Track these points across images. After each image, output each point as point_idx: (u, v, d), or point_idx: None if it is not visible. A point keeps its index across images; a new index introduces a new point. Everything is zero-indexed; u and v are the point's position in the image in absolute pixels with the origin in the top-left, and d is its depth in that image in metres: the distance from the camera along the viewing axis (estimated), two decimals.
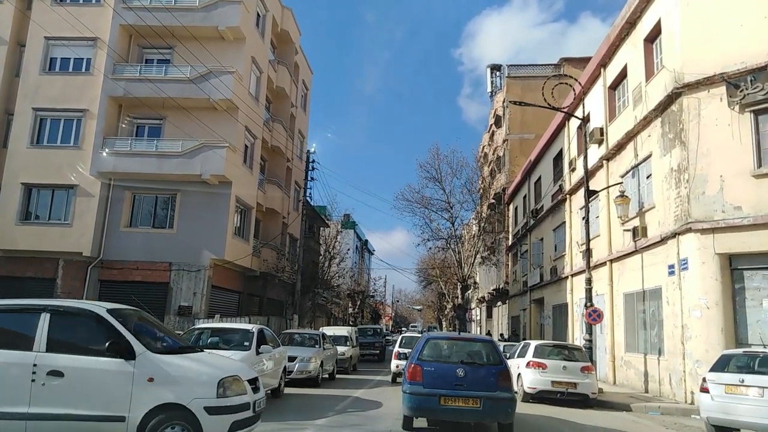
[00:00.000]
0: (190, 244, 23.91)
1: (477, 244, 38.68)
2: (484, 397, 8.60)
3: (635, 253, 17.12)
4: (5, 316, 6.66)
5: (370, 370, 23.47)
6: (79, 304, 6.80)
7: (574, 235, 23.55)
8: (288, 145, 31.42)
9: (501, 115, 41.68)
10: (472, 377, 8.76)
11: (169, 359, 6.57)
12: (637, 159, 17.30)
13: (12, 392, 6.17)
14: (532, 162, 31.00)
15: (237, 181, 25.13)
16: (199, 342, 11.46)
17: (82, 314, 6.62)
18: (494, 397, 8.65)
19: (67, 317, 6.57)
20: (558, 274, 25.62)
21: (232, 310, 26.81)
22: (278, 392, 12.45)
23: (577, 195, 23.33)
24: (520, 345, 16.14)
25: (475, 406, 8.59)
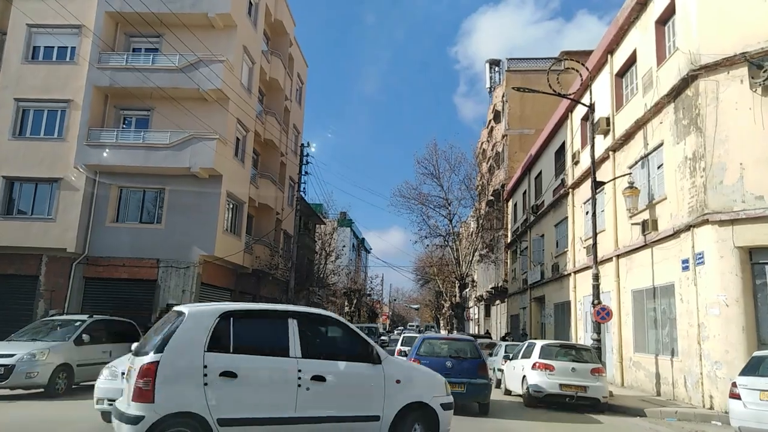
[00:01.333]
0: (179, 240, 22.82)
1: (475, 241, 37.65)
2: (467, 383, 11.38)
3: (644, 247, 16.10)
4: (257, 321, 6.73)
5: None
6: (320, 311, 7.20)
7: (577, 230, 22.53)
8: (282, 139, 30.33)
9: (500, 110, 40.65)
10: (458, 368, 11.52)
11: (401, 362, 7.55)
12: (647, 148, 16.27)
13: (281, 398, 6.28)
14: (533, 157, 29.98)
15: (228, 175, 24.04)
16: None
17: (327, 321, 7.10)
18: (475, 383, 11.48)
19: (312, 323, 6.90)
20: (560, 272, 24.60)
21: None
22: None
23: (580, 189, 22.32)
24: (523, 345, 15.10)
25: (460, 390, 11.06)
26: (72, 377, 12.33)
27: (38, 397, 11.61)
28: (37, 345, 12.06)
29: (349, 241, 57.67)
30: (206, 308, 6.42)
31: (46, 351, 11.81)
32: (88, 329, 13.14)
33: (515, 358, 15.02)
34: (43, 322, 14.23)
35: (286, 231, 31.88)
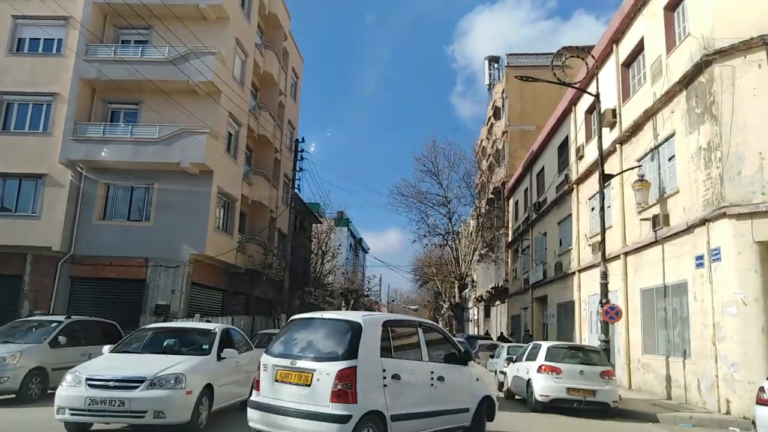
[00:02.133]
0: (169, 239, 22.05)
1: (475, 240, 36.91)
2: None
3: (655, 244, 15.36)
4: (401, 329, 7.74)
5: None
6: (431, 322, 8.93)
7: (581, 227, 21.79)
8: (276, 135, 29.57)
9: (500, 107, 39.93)
10: None
11: (476, 364, 9.11)
12: (656, 140, 15.55)
13: (422, 395, 7.40)
14: (534, 153, 29.25)
15: (219, 171, 23.27)
16: (152, 344, 9.56)
17: (436, 330, 8.63)
18: None
19: (429, 332, 8.14)
20: (563, 270, 23.86)
21: (214, 308, 24.94)
22: None
23: (584, 184, 21.59)
24: (528, 347, 14.34)
25: None
26: (46, 382, 11.54)
27: (9, 404, 10.83)
28: (9, 347, 11.27)
29: (346, 241, 56.89)
30: (374, 317, 7.38)
31: (18, 354, 11.03)
32: (65, 331, 12.36)
33: (519, 360, 14.27)
34: (17, 323, 13.45)
35: (280, 230, 31.10)
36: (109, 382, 7.80)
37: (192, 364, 8.50)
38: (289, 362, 6.72)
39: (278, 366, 6.79)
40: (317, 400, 6.36)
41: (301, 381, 6.54)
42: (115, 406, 7.58)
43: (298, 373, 6.59)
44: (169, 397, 7.73)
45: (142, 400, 7.62)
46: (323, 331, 7.08)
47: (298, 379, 6.58)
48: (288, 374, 6.66)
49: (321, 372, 6.41)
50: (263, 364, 7.02)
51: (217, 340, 9.43)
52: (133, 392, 7.67)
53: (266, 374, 6.92)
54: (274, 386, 6.77)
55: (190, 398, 7.99)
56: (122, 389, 7.71)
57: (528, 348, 14.11)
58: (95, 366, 8.42)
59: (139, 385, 7.73)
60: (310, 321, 7.45)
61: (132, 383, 7.77)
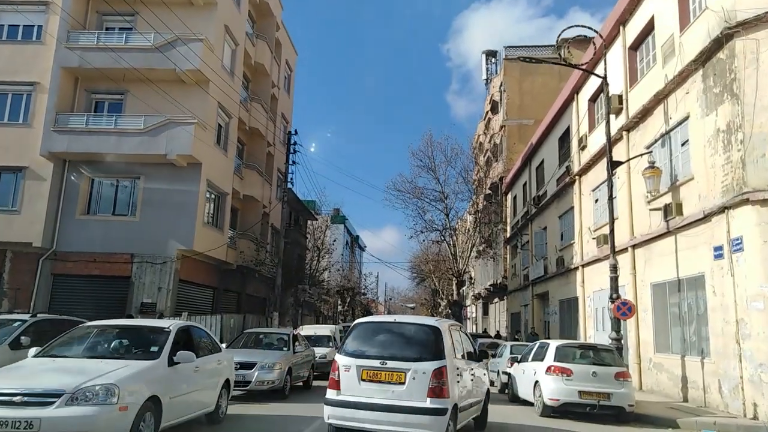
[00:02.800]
0: (155, 234, 20.90)
1: (473, 236, 35.81)
2: None
3: (667, 235, 14.27)
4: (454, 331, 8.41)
5: None
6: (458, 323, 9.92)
7: (584, 220, 20.70)
8: (269, 127, 28.41)
9: (498, 101, 38.83)
10: None
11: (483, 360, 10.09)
12: (668, 124, 14.45)
13: (467, 389, 8.16)
14: (534, 145, 28.16)
15: (208, 163, 22.14)
16: (92, 346, 7.89)
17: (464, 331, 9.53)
18: None
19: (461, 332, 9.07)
20: (565, 266, 22.78)
21: (204, 306, 23.78)
22: (217, 415, 8.92)
23: (588, 176, 20.50)
24: (534, 346, 13.23)
25: None
26: None
27: None
28: None
29: (343, 238, 55.76)
30: (443, 321, 8.06)
31: None
32: (31, 331, 11.16)
33: (525, 360, 13.18)
34: None
35: (273, 226, 29.94)
36: (15, 397, 6.01)
37: (130, 371, 6.75)
38: (378, 363, 7.23)
39: (365, 366, 7.27)
40: (414, 396, 7.01)
41: (393, 380, 7.13)
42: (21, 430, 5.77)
43: (390, 372, 7.16)
44: (94, 415, 6.00)
45: (57, 421, 5.86)
46: (405, 334, 7.69)
47: (389, 377, 7.15)
48: (378, 374, 7.20)
49: (416, 371, 7.08)
50: (343, 365, 7.39)
51: (169, 341, 7.75)
52: (46, 410, 5.93)
53: (350, 374, 7.29)
54: (362, 385, 7.23)
55: (126, 416, 6.30)
56: (32, 406, 5.97)
57: (534, 347, 13.00)
58: (3, 375, 6.67)
59: (56, 400, 6.02)
60: (383, 324, 8.18)
61: (46, 397, 6.04)
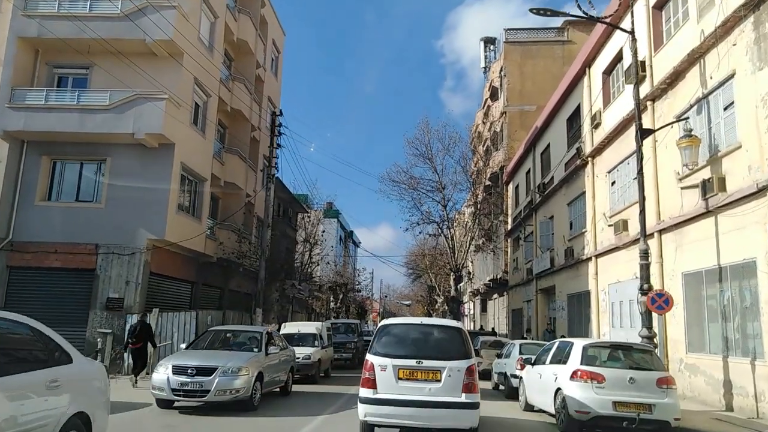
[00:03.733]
0: (123, 222, 18.70)
1: (472, 228, 33.64)
2: None
3: (705, 216, 12.14)
4: None
5: (346, 376, 18.35)
6: None
7: (599, 205, 18.57)
8: (254, 109, 26.17)
9: (498, 86, 36.68)
10: None
11: None
12: (705, 87, 12.31)
13: None
14: (539, 129, 26.01)
15: (183, 145, 19.92)
16: None
17: None
18: None
19: None
20: (575, 257, 20.65)
21: (181, 302, 21.53)
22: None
23: (602, 156, 18.36)
24: (552, 345, 11.05)
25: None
26: None
27: None
28: None
29: (336, 234, 53.52)
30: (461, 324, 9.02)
31: None
32: None
33: (540, 362, 11.02)
34: None
35: (259, 216, 27.67)
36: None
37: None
38: (414, 362, 7.56)
39: (401, 366, 7.57)
40: (450, 392, 7.40)
41: (429, 378, 7.50)
42: None
43: (426, 371, 7.51)
44: None
45: None
46: (434, 335, 8.09)
47: (426, 376, 7.51)
48: (414, 372, 7.53)
49: (451, 369, 7.48)
50: (379, 365, 7.62)
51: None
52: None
53: (386, 374, 7.55)
54: (399, 384, 7.51)
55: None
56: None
57: (553, 347, 10.82)
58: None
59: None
60: (411, 326, 8.40)
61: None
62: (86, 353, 18.20)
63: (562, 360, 9.78)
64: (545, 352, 11.13)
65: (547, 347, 11.37)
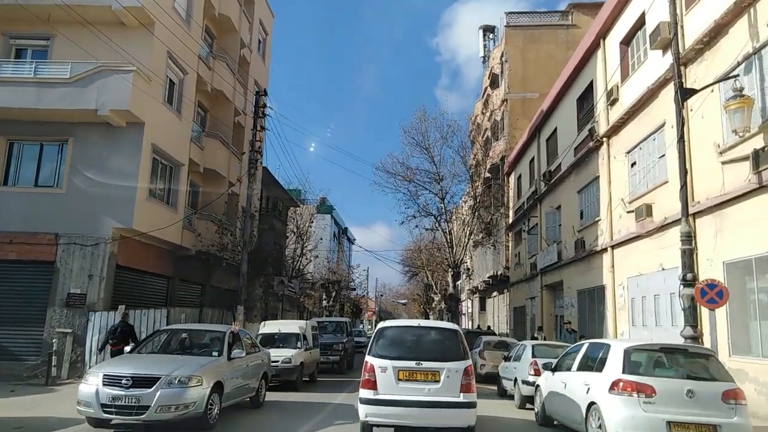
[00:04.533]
0: (86, 210, 16.64)
1: (471, 222, 31.59)
2: None
3: (756, 192, 10.12)
4: None
5: (333, 381, 16.32)
6: None
7: (616, 191, 16.55)
8: (238, 90, 24.09)
9: (498, 73, 34.66)
10: None
11: None
12: (756, 40, 10.29)
13: None
14: (544, 113, 24.00)
15: (155, 125, 17.84)
16: None
17: None
18: None
19: None
20: (587, 248, 18.65)
21: (155, 299, 19.45)
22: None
23: (620, 135, 16.35)
24: (580, 347, 9.00)
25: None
26: None
27: None
28: None
29: (330, 230, 51.43)
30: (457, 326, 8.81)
31: None
32: None
33: (563, 367, 8.99)
34: None
35: (244, 208, 25.50)
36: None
37: None
38: (414, 364, 7.65)
39: (401, 367, 7.66)
40: (448, 392, 7.53)
41: (429, 378, 7.61)
42: None
43: (425, 372, 7.62)
44: None
45: None
46: (431, 337, 8.15)
47: (425, 377, 7.63)
48: (414, 374, 7.63)
49: (450, 370, 7.60)
50: (379, 367, 7.70)
51: None
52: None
53: (386, 375, 7.65)
54: (399, 384, 7.61)
55: None
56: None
57: (581, 350, 8.76)
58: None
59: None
60: (409, 328, 8.44)
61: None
62: (42, 355, 16.19)
63: (596, 367, 7.76)
64: (569, 356, 9.10)
65: (572, 350, 9.32)
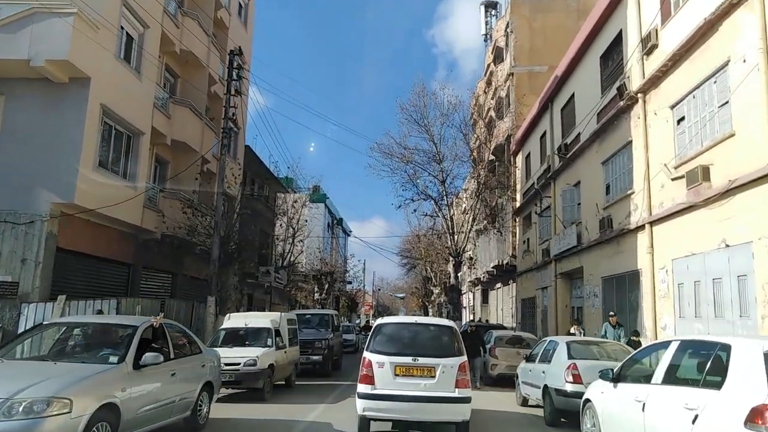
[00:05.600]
0: (17, 180, 13.62)
1: (475, 206, 28.65)
2: None
3: None
4: None
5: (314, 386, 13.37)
6: None
7: (656, 155, 13.57)
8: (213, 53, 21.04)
9: (503, 46, 31.65)
10: None
11: None
12: None
13: None
14: (559, 78, 20.99)
15: (105, 82, 14.81)
16: None
17: None
18: None
19: None
20: (616, 228, 15.69)
21: (111, 289, 16.41)
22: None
23: (660, 88, 13.37)
24: (665, 348, 5.87)
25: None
26: None
27: None
28: None
29: (324, 220, 48.45)
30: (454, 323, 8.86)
31: None
32: None
33: (633, 378, 6.01)
34: None
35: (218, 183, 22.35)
36: None
37: None
38: (410, 359, 7.72)
39: (398, 363, 7.72)
40: (443, 387, 7.61)
41: (425, 374, 7.68)
42: None
43: (421, 367, 7.70)
44: None
45: None
46: (427, 333, 8.36)
47: (421, 372, 7.70)
48: (410, 369, 7.71)
49: (445, 366, 7.68)
50: (377, 362, 7.76)
51: None
52: None
53: (384, 370, 7.71)
54: (396, 380, 7.69)
55: None
56: None
57: (667, 352, 5.68)
58: None
59: None
60: (406, 325, 8.75)
61: None
62: None
63: (703, 381, 4.79)
64: (640, 362, 6.12)
65: (644, 352, 6.34)
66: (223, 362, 9.75)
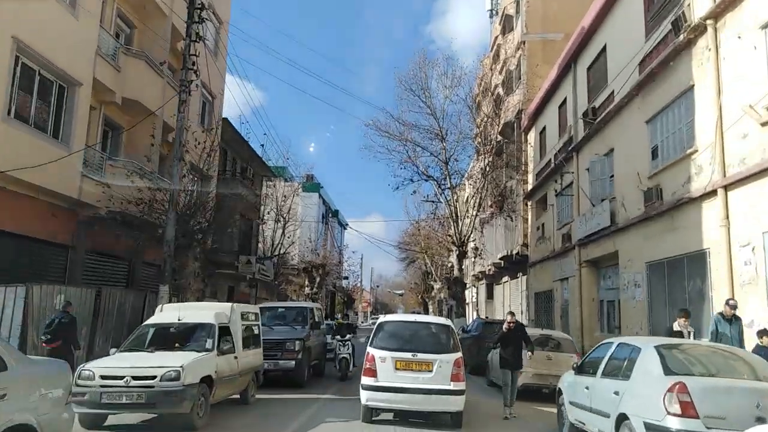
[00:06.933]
0: None
1: (483, 189, 25.25)
2: None
3: None
4: None
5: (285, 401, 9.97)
6: None
7: (732, 97, 10.14)
8: (176, 9, 17.57)
9: (513, 14, 28.20)
10: None
11: None
12: None
13: None
14: (586, 31, 17.50)
15: (21, 12, 11.43)
16: None
17: None
18: None
19: None
20: (670, 198, 12.23)
21: (39, 275, 12.93)
22: None
23: (742, 7, 9.93)
24: None
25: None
26: None
27: None
28: None
29: (318, 210, 44.97)
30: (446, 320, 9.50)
31: None
32: None
33: None
34: None
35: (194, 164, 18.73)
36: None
37: None
38: (410, 355, 8.28)
39: (398, 358, 8.28)
40: (440, 381, 8.15)
41: (423, 368, 8.23)
42: None
43: (419, 362, 8.25)
44: None
45: None
46: (426, 331, 8.95)
47: (419, 367, 8.24)
48: (410, 364, 8.24)
49: (442, 361, 8.24)
50: (380, 357, 8.31)
51: None
52: None
53: (386, 365, 8.25)
54: (396, 373, 8.23)
55: None
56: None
57: None
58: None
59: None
60: (407, 323, 9.40)
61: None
62: None
63: None
64: None
65: None
66: (130, 375, 6.36)
